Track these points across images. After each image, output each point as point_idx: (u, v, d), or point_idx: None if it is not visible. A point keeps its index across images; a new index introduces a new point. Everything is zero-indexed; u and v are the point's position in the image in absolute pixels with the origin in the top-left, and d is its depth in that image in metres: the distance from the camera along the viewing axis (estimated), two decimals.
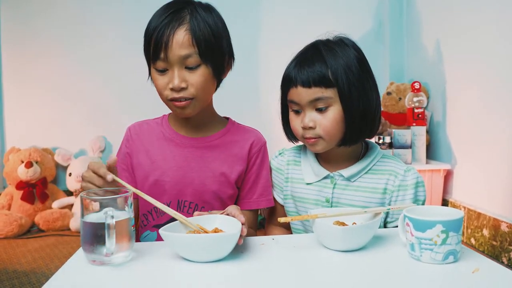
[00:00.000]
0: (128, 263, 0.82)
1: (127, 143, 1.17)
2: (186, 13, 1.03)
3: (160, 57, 1.00)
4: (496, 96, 2.22)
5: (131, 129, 1.18)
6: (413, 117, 2.70)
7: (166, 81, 1.02)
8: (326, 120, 1.04)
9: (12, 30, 3.11)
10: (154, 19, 1.03)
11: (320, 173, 1.13)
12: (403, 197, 1.08)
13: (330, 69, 1.03)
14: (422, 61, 2.97)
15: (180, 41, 0.99)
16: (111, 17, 3.14)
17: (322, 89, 1.03)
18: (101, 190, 0.87)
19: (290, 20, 3.20)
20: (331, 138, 1.06)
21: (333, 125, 1.05)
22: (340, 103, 1.04)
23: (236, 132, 1.18)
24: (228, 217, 0.92)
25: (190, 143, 1.13)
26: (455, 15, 2.58)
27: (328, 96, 1.03)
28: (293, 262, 0.83)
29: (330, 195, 1.11)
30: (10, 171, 2.91)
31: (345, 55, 1.05)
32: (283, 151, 1.24)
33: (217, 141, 1.14)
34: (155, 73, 1.04)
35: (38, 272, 2.09)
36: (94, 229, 0.80)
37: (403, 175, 1.08)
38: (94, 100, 3.15)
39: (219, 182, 1.12)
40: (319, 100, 1.04)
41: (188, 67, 1.01)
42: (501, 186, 2.19)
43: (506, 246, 2.11)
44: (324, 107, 1.04)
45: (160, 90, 1.04)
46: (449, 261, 0.79)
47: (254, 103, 3.20)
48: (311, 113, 1.06)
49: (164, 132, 1.15)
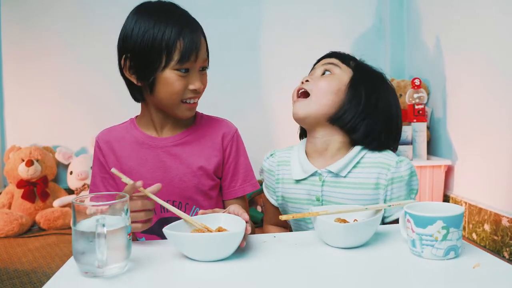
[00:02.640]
0: (124, 273, 0.77)
1: (99, 153, 1.16)
2: (192, 18, 1.08)
3: (191, 59, 1.02)
4: (496, 91, 2.22)
5: (100, 138, 1.17)
6: (413, 114, 2.70)
7: (185, 83, 1.04)
8: (324, 80, 1.10)
9: (13, 28, 3.10)
10: (163, 22, 1.01)
11: (308, 170, 1.12)
12: (398, 189, 1.06)
13: (355, 62, 1.15)
14: (423, 57, 2.97)
15: (204, 45, 1.07)
16: (113, 15, 3.12)
17: (337, 60, 1.12)
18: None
19: (291, 17, 3.19)
20: (318, 98, 1.09)
21: (327, 86, 1.09)
22: (350, 81, 1.10)
23: (206, 125, 1.18)
24: (232, 216, 0.92)
25: (163, 143, 1.13)
26: (455, 12, 2.58)
27: (338, 65, 1.11)
28: (295, 259, 0.83)
29: (320, 193, 1.10)
30: (11, 169, 2.91)
31: (384, 89, 1.15)
32: (274, 152, 1.23)
33: (189, 137, 1.15)
34: (174, 76, 1.02)
35: (39, 271, 2.09)
36: (86, 238, 0.74)
37: (395, 167, 1.06)
38: (95, 98, 3.15)
39: (198, 176, 1.13)
40: (329, 65, 1.12)
41: (202, 69, 1.08)
42: (502, 180, 2.20)
43: (507, 240, 2.11)
44: (328, 72, 1.11)
45: (178, 92, 1.04)
46: (450, 257, 0.80)
47: (255, 102, 3.20)
48: (317, 72, 1.14)
49: (135, 136, 1.14)
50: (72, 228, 0.76)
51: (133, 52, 1.04)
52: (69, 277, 0.77)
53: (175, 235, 0.82)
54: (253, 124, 3.08)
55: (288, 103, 1.18)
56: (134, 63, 1.05)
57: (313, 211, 0.92)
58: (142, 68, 1.04)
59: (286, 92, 2.38)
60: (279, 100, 3.15)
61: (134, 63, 1.05)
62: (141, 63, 1.04)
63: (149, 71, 1.03)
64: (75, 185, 3.00)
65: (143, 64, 1.03)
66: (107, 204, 0.77)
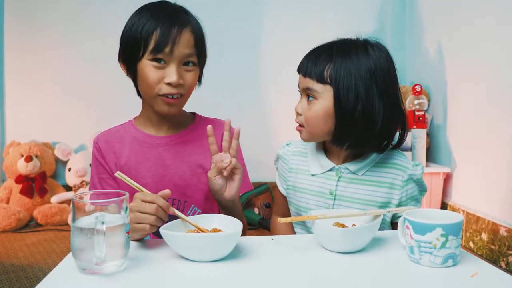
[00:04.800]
0: (122, 271, 0.77)
1: (98, 154, 1.16)
2: (185, 15, 1.08)
3: (164, 51, 1.02)
4: (497, 100, 2.22)
5: (99, 139, 1.17)
6: (413, 120, 2.70)
7: (160, 75, 1.04)
8: (310, 112, 1.07)
9: (16, 24, 3.10)
10: (147, 17, 1.05)
11: (326, 165, 1.14)
12: (413, 190, 1.11)
13: (331, 67, 1.04)
14: (424, 63, 2.97)
15: (186, 40, 1.05)
16: (114, 12, 3.13)
17: (313, 81, 1.06)
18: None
19: (292, 18, 3.20)
20: (312, 129, 1.08)
21: (315, 118, 1.06)
22: (333, 102, 1.04)
23: (205, 125, 1.17)
24: (227, 217, 0.92)
25: (163, 141, 1.15)
26: (457, 18, 2.58)
27: (316, 89, 1.05)
28: (292, 262, 0.83)
29: (334, 187, 1.11)
30: (10, 164, 2.91)
31: (358, 61, 1.04)
32: (291, 142, 1.25)
33: (188, 136, 1.17)
34: (148, 66, 1.04)
35: (35, 267, 2.09)
36: (84, 235, 0.74)
37: (412, 169, 1.10)
38: (95, 96, 3.15)
39: (197, 174, 1.14)
40: (308, 90, 1.07)
41: (186, 66, 1.07)
42: (501, 190, 2.19)
43: (504, 250, 2.11)
44: (312, 98, 1.07)
45: (152, 83, 1.05)
46: (448, 265, 0.79)
47: (254, 102, 3.20)
48: (304, 100, 1.09)
49: (135, 135, 1.15)
50: (71, 224, 0.76)
51: (122, 44, 1.10)
52: (67, 273, 0.77)
53: (170, 235, 0.82)
54: (252, 123, 3.07)
55: (287, 103, 1.18)
56: (123, 56, 1.10)
57: (311, 215, 0.92)
58: (127, 59, 1.09)
59: (285, 93, 2.38)
60: (278, 100, 3.16)
61: (123, 56, 1.10)
62: (127, 55, 1.09)
63: (131, 62, 1.07)
64: (73, 182, 3.00)
65: (128, 55, 1.08)
66: (107, 201, 0.77)
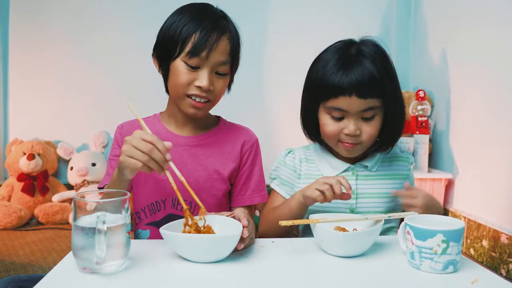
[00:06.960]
0: (122, 271, 0.77)
1: (120, 139, 1.15)
2: (225, 21, 1.09)
3: (200, 55, 1.03)
4: (500, 107, 2.22)
5: (124, 126, 1.18)
6: (416, 125, 2.69)
7: (192, 77, 1.05)
8: (371, 129, 1.08)
9: (21, 22, 3.11)
10: (188, 17, 1.06)
11: (340, 167, 1.16)
12: (412, 174, 1.24)
13: (378, 79, 1.04)
14: (427, 69, 2.97)
15: (223, 48, 1.06)
16: (118, 11, 3.14)
17: (375, 100, 1.05)
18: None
19: (296, 24, 3.20)
20: (369, 144, 1.11)
21: (376, 133, 1.09)
22: (384, 111, 1.09)
23: (228, 130, 1.20)
24: (228, 219, 0.92)
25: (184, 141, 1.14)
26: (461, 24, 2.58)
27: (378, 106, 1.07)
28: (292, 265, 0.83)
29: (355, 186, 1.14)
30: (12, 162, 2.92)
31: (386, 63, 1.09)
32: (292, 149, 1.25)
33: (209, 139, 1.16)
34: (182, 67, 1.05)
35: (36, 265, 2.09)
36: (85, 234, 0.74)
37: (410, 157, 1.23)
38: (98, 95, 3.16)
39: (212, 179, 1.13)
40: (370, 110, 1.06)
41: (218, 73, 1.07)
42: (502, 197, 2.19)
43: (505, 257, 2.11)
44: (371, 117, 1.07)
45: (182, 84, 1.05)
46: (449, 271, 0.79)
47: (259, 104, 3.21)
48: (358, 121, 1.07)
49: (158, 130, 1.16)
50: (72, 223, 0.77)
51: (158, 41, 1.11)
52: (67, 272, 0.77)
53: (170, 235, 0.82)
54: (254, 128, 3.06)
55: (289, 108, 1.18)
56: (158, 52, 1.11)
57: (313, 218, 0.92)
58: (161, 56, 1.10)
59: (288, 97, 2.38)
60: (281, 105, 3.15)
61: (158, 51, 1.11)
62: (162, 51, 1.09)
63: (165, 59, 1.08)
64: (75, 181, 3.01)
65: (163, 52, 1.09)
66: (108, 201, 0.78)
